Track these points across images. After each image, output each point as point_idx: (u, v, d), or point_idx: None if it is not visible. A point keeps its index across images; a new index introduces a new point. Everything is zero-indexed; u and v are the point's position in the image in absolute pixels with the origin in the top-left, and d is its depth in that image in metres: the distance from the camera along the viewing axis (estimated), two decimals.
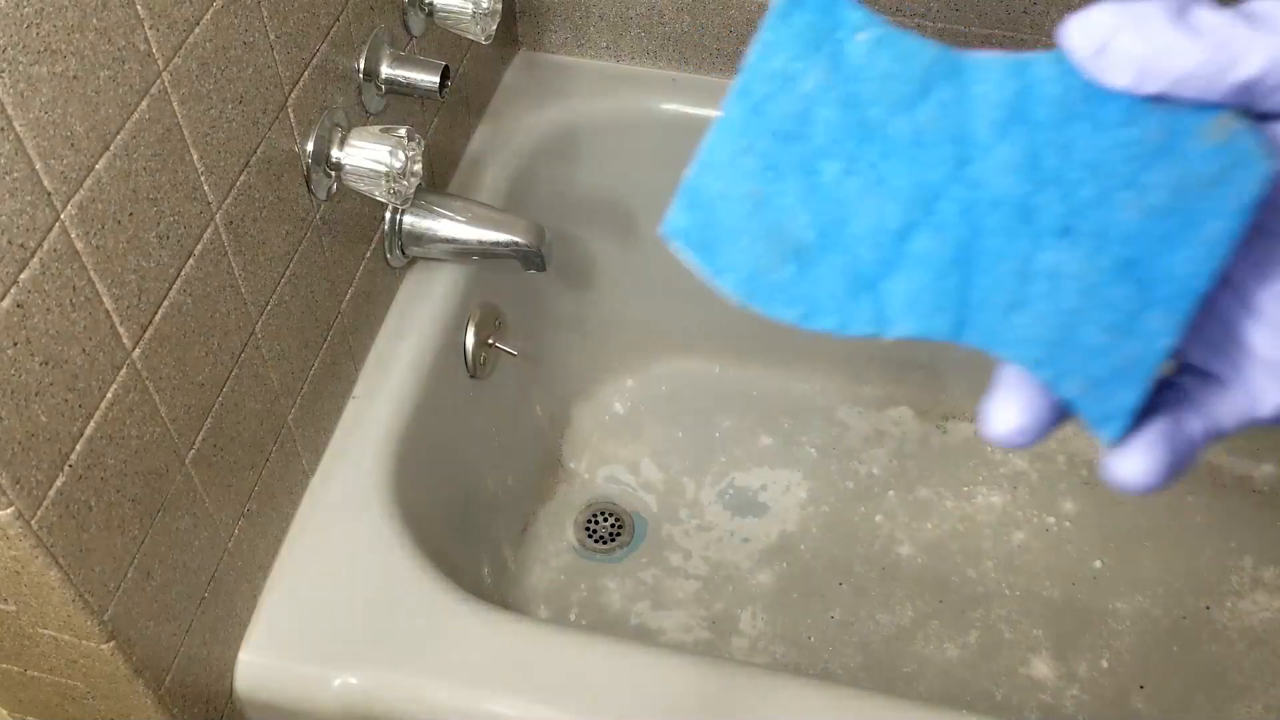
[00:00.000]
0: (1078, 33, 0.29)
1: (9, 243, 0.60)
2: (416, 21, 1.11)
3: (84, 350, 0.68)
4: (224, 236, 0.82)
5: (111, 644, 0.77)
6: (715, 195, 0.32)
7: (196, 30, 0.74)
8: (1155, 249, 0.29)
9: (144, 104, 0.70)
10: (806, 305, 0.31)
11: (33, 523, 0.67)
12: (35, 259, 0.63)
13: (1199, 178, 0.28)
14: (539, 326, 1.49)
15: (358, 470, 1.06)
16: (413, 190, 0.99)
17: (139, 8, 0.68)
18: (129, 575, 0.77)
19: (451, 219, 1.14)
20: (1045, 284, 0.30)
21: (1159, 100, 0.28)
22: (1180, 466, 0.33)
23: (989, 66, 0.30)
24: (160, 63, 0.71)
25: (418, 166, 0.99)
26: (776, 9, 0.30)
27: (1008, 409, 0.33)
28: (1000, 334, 0.31)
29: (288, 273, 0.93)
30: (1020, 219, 0.30)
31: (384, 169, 0.96)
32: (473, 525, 1.32)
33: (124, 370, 0.73)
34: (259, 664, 0.96)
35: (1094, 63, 0.29)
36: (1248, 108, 0.29)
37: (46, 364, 0.65)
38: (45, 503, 0.67)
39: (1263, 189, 0.28)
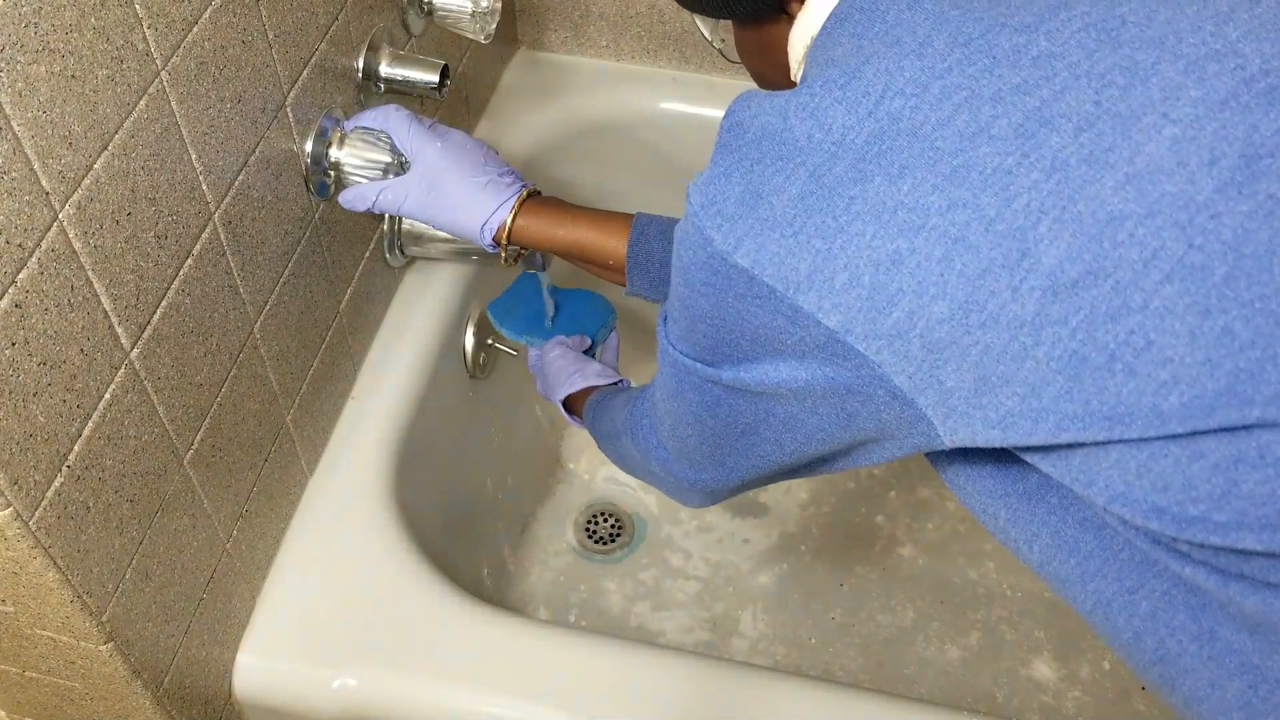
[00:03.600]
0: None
1: (6, 243, 0.60)
2: (416, 21, 1.10)
3: (82, 350, 0.68)
4: (222, 236, 0.82)
5: (110, 645, 0.77)
6: (503, 313, 1.16)
7: (195, 29, 0.74)
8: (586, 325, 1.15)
9: (142, 103, 0.70)
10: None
11: (31, 523, 0.66)
12: (33, 259, 0.62)
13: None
14: None
15: (357, 471, 1.06)
16: None
17: (137, 7, 0.68)
18: (127, 576, 0.77)
19: None
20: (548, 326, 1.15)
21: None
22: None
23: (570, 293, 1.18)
24: (159, 62, 0.71)
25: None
26: (493, 317, 1.17)
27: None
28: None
29: (286, 273, 0.93)
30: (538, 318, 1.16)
31: (383, 168, 0.95)
32: (472, 526, 1.32)
33: (122, 370, 0.72)
34: (257, 665, 0.95)
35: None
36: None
37: (44, 364, 0.65)
38: (43, 503, 0.67)
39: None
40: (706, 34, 0.75)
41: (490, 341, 1.30)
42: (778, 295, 0.54)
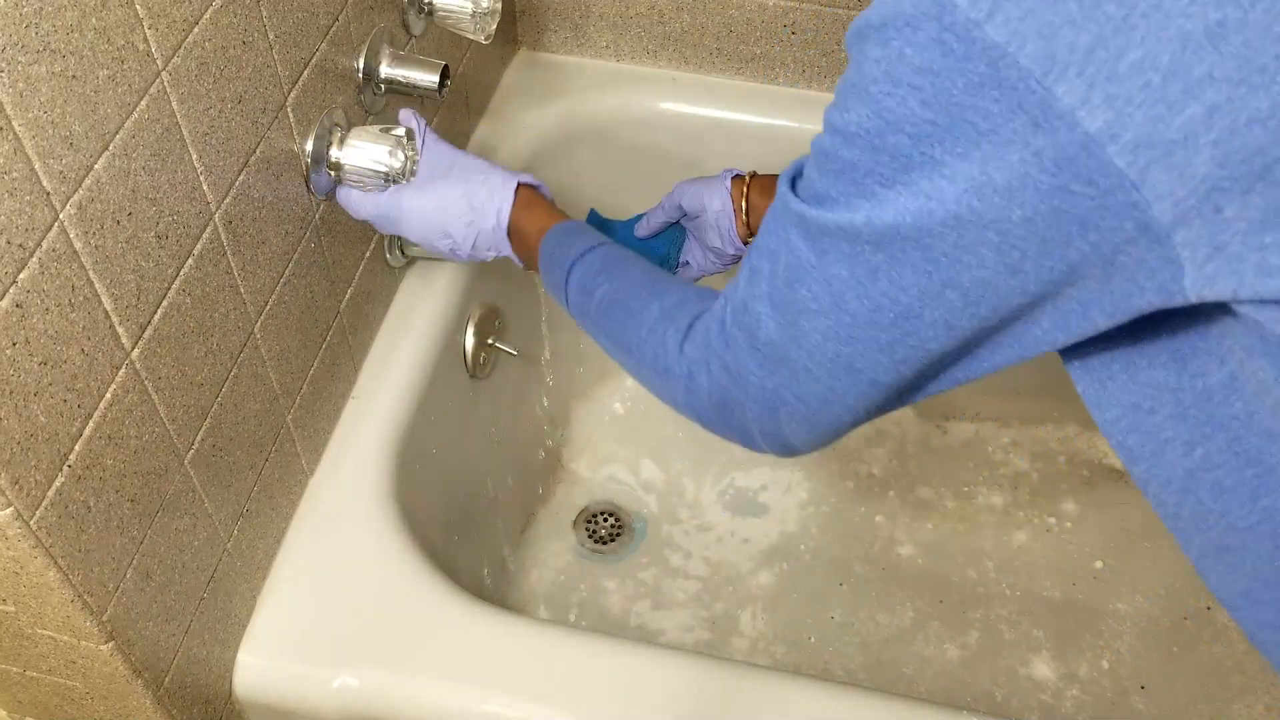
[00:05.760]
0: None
1: (7, 243, 0.60)
2: (416, 21, 1.10)
3: (83, 350, 0.68)
4: (223, 236, 0.82)
5: (110, 644, 0.77)
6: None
7: (195, 30, 0.74)
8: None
9: (143, 103, 0.70)
10: None
11: (31, 523, 0.66)
12: (34, 259, 0.63)
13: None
14: (539, 326, 1.49)
15: (357, 470, 1.06)
16: None
17: (138, 7, 0.68)
18: (128, 576, 0.77)
19: None
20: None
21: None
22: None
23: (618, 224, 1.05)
24: (159, 62, 0.71)
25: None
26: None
27: None
28: None
29: (287, 273, 0.93)
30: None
31: (383, 169, 0.96)
32: (472, 525, 1.32)
33: (123, 370, 0.73)
34: (258, 664, 0.95)
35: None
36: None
37: (45, 364, 0.65)
38: (44, 503, 0.67)
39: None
40: None
41: (490, 341, 1.31)
42: (1029, 83, 0.43)
